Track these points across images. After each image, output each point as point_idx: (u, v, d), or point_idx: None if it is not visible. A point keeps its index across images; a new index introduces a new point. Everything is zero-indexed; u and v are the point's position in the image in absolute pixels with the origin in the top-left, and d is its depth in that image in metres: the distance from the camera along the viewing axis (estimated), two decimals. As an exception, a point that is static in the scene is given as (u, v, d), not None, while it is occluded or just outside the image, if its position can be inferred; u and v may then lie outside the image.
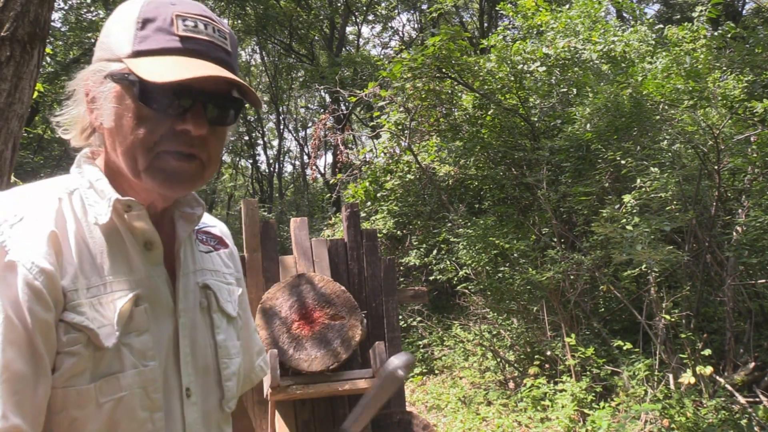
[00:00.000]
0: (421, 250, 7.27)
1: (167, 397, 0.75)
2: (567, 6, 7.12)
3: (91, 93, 0.76)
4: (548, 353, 5.12)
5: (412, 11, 18.98)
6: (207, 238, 0.91)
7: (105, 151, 0.78)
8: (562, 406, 4.24)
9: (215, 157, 0.76)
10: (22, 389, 0.63)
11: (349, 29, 18.68)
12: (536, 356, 5.33)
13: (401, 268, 7.58)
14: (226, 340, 0.85)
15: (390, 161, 7.52)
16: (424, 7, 16.59)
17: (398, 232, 7.51)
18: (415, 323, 7.32)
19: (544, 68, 6.24)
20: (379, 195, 7.44)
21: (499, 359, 5.75)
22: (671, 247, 4.22)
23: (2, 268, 0.65)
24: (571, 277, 5.04)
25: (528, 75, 6.37)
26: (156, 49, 0.70)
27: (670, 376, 4.23)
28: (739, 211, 4.93)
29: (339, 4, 16.41)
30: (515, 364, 5.70)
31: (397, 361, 0.65)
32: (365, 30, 22.45)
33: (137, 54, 0.70)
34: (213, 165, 0.76)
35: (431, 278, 7.20)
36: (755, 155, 4.72)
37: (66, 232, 0.71)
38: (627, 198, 4.53)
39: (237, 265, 0.95)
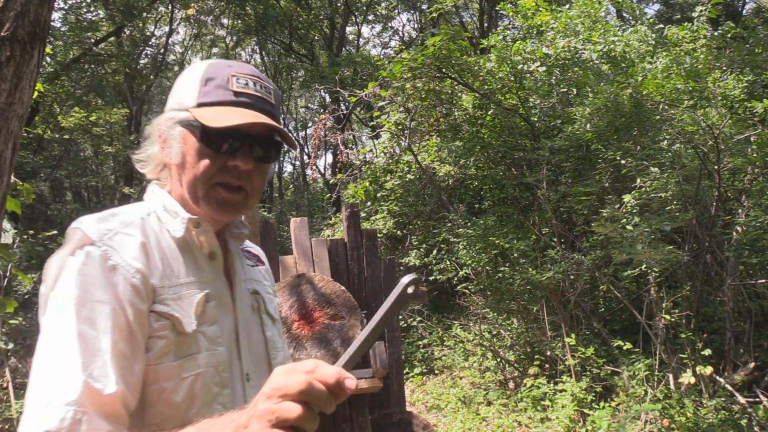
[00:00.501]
0: (421, 250, 7.27)
1: (232, 380, 0.92)
2: (567, 6, 7.12)
3: (163, 135, 0.95)
4: (548, 353, 5.13)
5: (412, 11, 18.99)
6: (249, 256, 1.11)
7: (171, 183, 0.97)
8: (562, 406, 4.24)
9: (258, 189, 0.95)
10: (125, 364, 0.79)
11: (349, 29, 18.69)
12: (536, 356, 5.33)
13: (401, 268, 7.58)
14: (273, 336, 1.04)
15: (390, 161, 7.51)
16: (424, 7, 16.58)
17: (398, 232, 7.51)
18: (415, 323, 7.32)
19: (544, 68, 6.24)
20: (379, 195, 7.44)
21: (499, 359, 5.75)
22: (671, 246, 4.21)
23: (107, 270, 0.82)
24: (571, 277, 5.04)
25: (528, 75, 6.37)
26: (215, 102, 0.90)
27: (670, 376, 4.23)
28: (739, 211, 4.93)
29: (339, 4, 16.40)
30: (515, 364, 5.70)
31: (406, 279, 0.69)
32: (365, 30, 22.46)
33: (200, 105, 0.90)
34: (256, 196, 0.95)
35: (431, 278, 7.20)
36: (755, 155, 4.72)
37: (150, 242, 0.90)
38: (627, 198, 4.52)
39: (272, 280, 1.16)
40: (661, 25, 7.18)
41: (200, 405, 0.86)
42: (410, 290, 0.68)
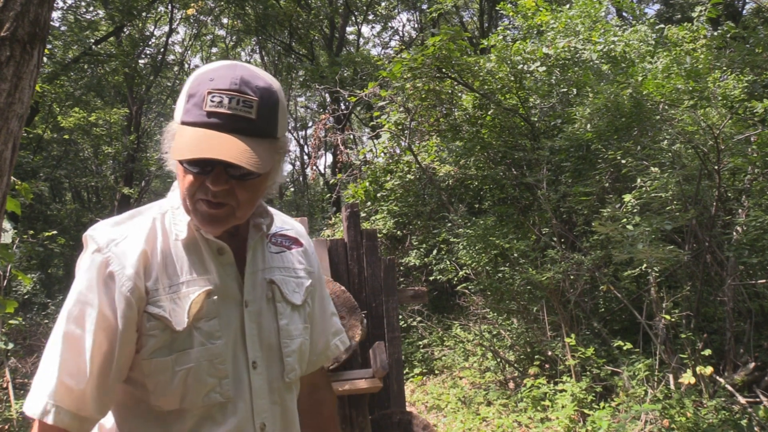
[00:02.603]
0: (421, 250, 7.27)
1: (236, 368, 0.98)
2: (567, 6, 7.11)
3: (169, 138, 0.98)
4: (548, 353, 5.12)
5: (412, 11, 18.98)
6: (282, 240, 1.13)
7: None
8: (562, 407, 4.24)
9: (245, 202, 0.95)
10: (104, 364, 0.90)
11: (349, 29, 18.68)
12: (536, 356, 5.32)
13: (401, 268, 7.58)
14: (288, 324, 1.06)
15: (390, 161, 7.51)
16: (424, 7, 16.58)
17: (398, 232, 7.51)
18: (415, 323, 7.32)
19: (544, 68, 6.24)
20: (379, 195, 7.43)
21: (499, 359, 5.75)
22: (672, 246, 4.21)
23: (105, 276, 0.92)
24: (571, 277, 5.04)
25: (528, 75, 6.36)
26: (190, 122, 0.92)
27: (670, 376, 4.23)
28: (739, 211, 4.93)
29: (339, 4, 16.39)
30: (515, 364, 5.70)
31: None
32: (365, 30, 22.46)
33: (182, 123, 0.94)
34: (244, 207, 0.96)
35: (431, 278, 7.20)
36: (755, 155, 4.72)
37: (155, 246, 0.97)
38: (627, 197, 4.52)
39: (310, 260, 1.17)
40: (662, 25, 7.17)
41: (193, 394, 0.94)
42: None
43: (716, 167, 4.57)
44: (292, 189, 22.58)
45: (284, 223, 1.18)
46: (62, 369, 0.89)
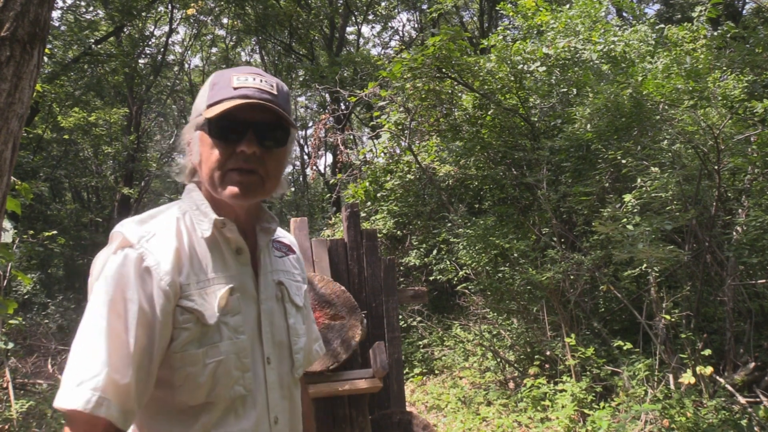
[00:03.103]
0: (421, 250, 7.27)
1: (254, 363, 1.03)
2: (567, 6, 7.11)
3: (188, 140, 1.08)
4: (548, 353, 5.12)
5: (412, 11, 18.98)
6: (280, 246, 1.20)
7: (202, 184, 1.07)
8: (562, 406, 4.24)
9: (273, 172, 1.04)
10: (143, 357, 0.92)
11: (349, 29, 18.67)
12: (536, 356, 5.32)
13: (401, 268, 7.58)
14: (296, 323, 1.14)
15: (390, 161, 7.51)
16: (424, 7, 16.57)
17: (398, 232, 7.51)
18: (415, 323, 7.32)
19: (544, 68, 6.23)
20: (379, 195, 7.43)
21: (499, 359, 5.75)
22: (672, 246, 4.21)
23: (141, 271, 0.94)
24: (571, 277, 5.04)
25: (528, 75, 6.36)
26: (219, 100, 1.00)
27: (670, 376, 4.23)
28: (739, 211, 4.93)
29: (339, 4, 16.39)
30: (515, 364, 5.70)
31: None
32: (365, 30, 22.45)
33: (208, 106, 1.01)
34: (272, 179, 1.04)
35: (431, 278, 7.20)
36: (755, 155, 4.72)
37: (183, 244, 1.01)
38: (627, 197, 4.52)
39: (302, 267, 1.26)
40: (662, 25, 7.17)
41: (221, 387, 0.98)
42: None
43: (716, 167, 4.57)
44: (293, 189, 22.57)
45: (279, 232, 1.24)
46: (110, 363, 0.89)
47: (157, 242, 0.98)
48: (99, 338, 0.90)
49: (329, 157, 18.98)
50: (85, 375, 0.89)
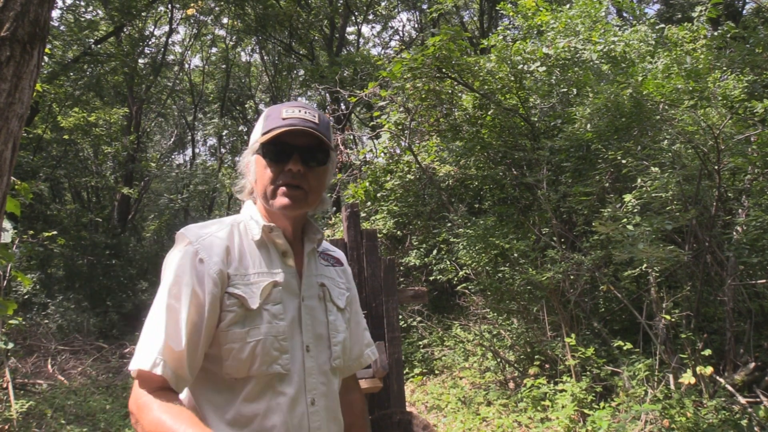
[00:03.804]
0: (421, 250, 7.27)
1: (293, 349, 1.20)
2: (567, 6, 7.11)
3: (246, 163, 1.30)
4: (548, 353, 5.12)
5: (412, 11, 18.98)
6: (328, 258, 1.41)
7: (257, 198, 1.30)
8: (563, 406, 4.24)
9: (316, 188, 1.25)
10: (194, 331, 1.12)
11: (349, 29, 18.66)
12: (536, 356, 5.32)
13: (401, 268, 7.58)
14: (336, 320, 1.31)
15: (390, 161, 7.51)
16: (424, 7, 16.57)
17: (398, 232, 7.51)
18: (415, 323, 7.32)
19: (544, 68, 6.23)
20: (379, 195, 7.43)
21: (499, 359, 5.75)
22: (672, 246, 4.21)
23: (197, 262, 1.16)
24: (571, 277, 5.04)
25: (528, 75, 6.36)
26: (271, 128, 1.23)
27: (671, 376, 4.23)
28: (739, 210, 4.93)
29: (339, 4, 16.38)
30: (515, 364, 5.70)
31: None
32: (365, 29, 22.44)
33: (263, 134, 1.24)
34: (314, 193, 1.25)
35: (431, 278, 7.20)
36: (755, 155, 4.72)
37: (234, 244, 1.22)
38: (628, 197, 4.52)
39: (349, 279, 1.44)
40: (662, 25, 7.17)
41: (261, 363, 1.15)
42: None
43: (716, 167, 4.57)
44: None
45: (330, 246, 1.47)
46: (167, 333, 1.10)
47: (211, 241, 1.19)
48: (161, 315, 1.12)
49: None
50: (150, 343, 1.10)
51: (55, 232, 6.75)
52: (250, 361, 1.14)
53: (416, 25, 19.64)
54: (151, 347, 1.10)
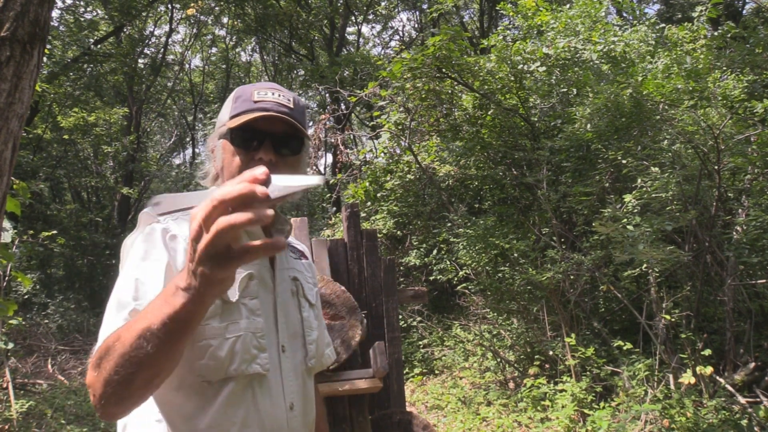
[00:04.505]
0: (421, 250, 7.27)
1: (269, 348, 1.09)
2: (567, 6, 7.11)
3: (211, 147, 1.20)
4: (548, 353, 5.12)
5: (412, 11, 18.97)
6: (294, 250, 1.31)
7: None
8: (562, 406, 4.24)
9: None
10: None
11: (349, 29, 18.66)
12: (536, 356, 5.32)
13: (401, 268, 7.58)
14: (309, 317, 1.22)
15: (390, 161, 7.51)
16: (425, 6, 16.57)
17: (398, 232, 7.51)
18: (415, 323, 7.31)
19: (544, 68, 6.23)
20: (379, 195, 7.43)
21: (499, 359, 5.75)
22: (672, 246, 4.21)
23: (168, 238, 1.05)
24: (571, 277, 5.04)
25: (528, 75, 6.35)
26: (241, 111, 1.12)
27: (670, 376, 4.23)
28: (740, 210, 4.93)
29: (339, 4, 16.38)
30: (515, 364, 5.70)
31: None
32: (365, 29, 22.45)
33: (231, 117, 1.14)
34: None
35: (431, 278, 7.20)
36: (755, 155, 4.72)
37: None
38: (628, 198, 4.52)
39: (314, 273, 1.35)
40: (662, 25, 7.17)
41: (240, 362, 1.03)
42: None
43: (716, 167, 4.57)
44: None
45: (293, 239, 1.36)
46: (139, 297, 0.96)
47: (180, 222, 1.08)
48: (127, 288, 0.98)
49: (329, 157, 18.98)
50: (116, 313, 0.96)
51: (55, 232, 6.75)
52: (229, 359, 1.02)
53: (416, 25, 19.64)
54: (117, 317, 0.94)
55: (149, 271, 1.00)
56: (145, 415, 1.04)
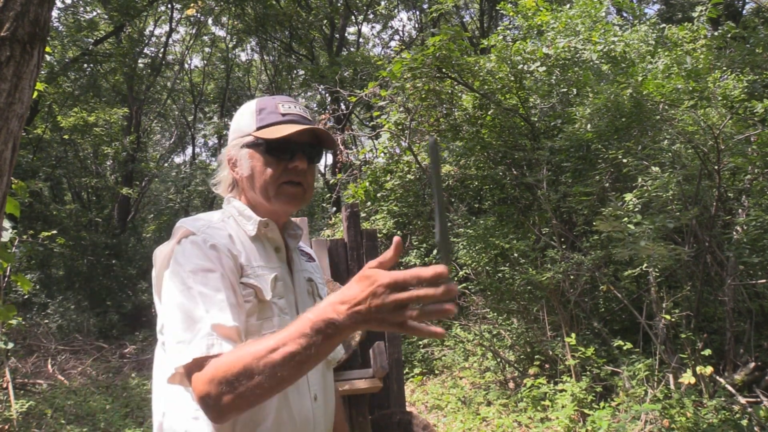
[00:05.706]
0: (421, 250, 7.27)
1: None
2: (567, 6, 7.10)
3: (233, 158, 1.25)
4: (548, 353, 5.12)
5: (412, 11, 18.97)
6: (303, 253, 1.39)
7: (243, 194, 1.26)
8: (562, 406, 4.24)
9: (311, 184, 1.25)
10: (236, 311, 1.07)
11: (349, 29, 18.66)
12: (536, 356, 5.32)
13: (401, 268, 7.57)
14: None
15: (390, 161, 7.51)
16: (425, 6, 16.57)
17: (398, 232, 7.51)
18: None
19: (544, 68, 6.23)
20: (379, 195, 7.43)
21: (499, 359, 5.75)
22: (673, 245, 4.21)
23: (210, 248, 1.09)
24: (571, 277, 5.04)
25: (528, 75, 6.35)
26: (271, 123, 1.20)
27: (670, 376, 4.23)
28: (740, 210, 4.93)
29: (339, 4, 16.38)
30: (515, 364, 5.70)
31: (432, 139, 0.86)
32: (365, 29, 22.44)
33: (259, 128, 1.20)
34: (310, 189, 1.24)
35: (431, 278, 7.18)
36: (755, 155, 4.72)
37: (234, 236, 1.18)
38: (629, 196, 4.52)
39: (321, 273, 1.44)
40: (662, 25, 7.17)
41: None
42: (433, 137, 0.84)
43: (716, 167, 4.57)
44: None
45: (300, 242, 1.43)
46: (210, 315, 1.01)
47: (213, 232, 1.14)
48: (194, 303, 1.02)
49: (329, 157, 18.98)
50: (193, 332, 1.00)
51: (55, 232, 6.75)
52: None
53: (416, 25, 19.64)
54: (197, 334, 0.99)
55: (209, 283, 1.05)
56: (183, 410, 1.11)
